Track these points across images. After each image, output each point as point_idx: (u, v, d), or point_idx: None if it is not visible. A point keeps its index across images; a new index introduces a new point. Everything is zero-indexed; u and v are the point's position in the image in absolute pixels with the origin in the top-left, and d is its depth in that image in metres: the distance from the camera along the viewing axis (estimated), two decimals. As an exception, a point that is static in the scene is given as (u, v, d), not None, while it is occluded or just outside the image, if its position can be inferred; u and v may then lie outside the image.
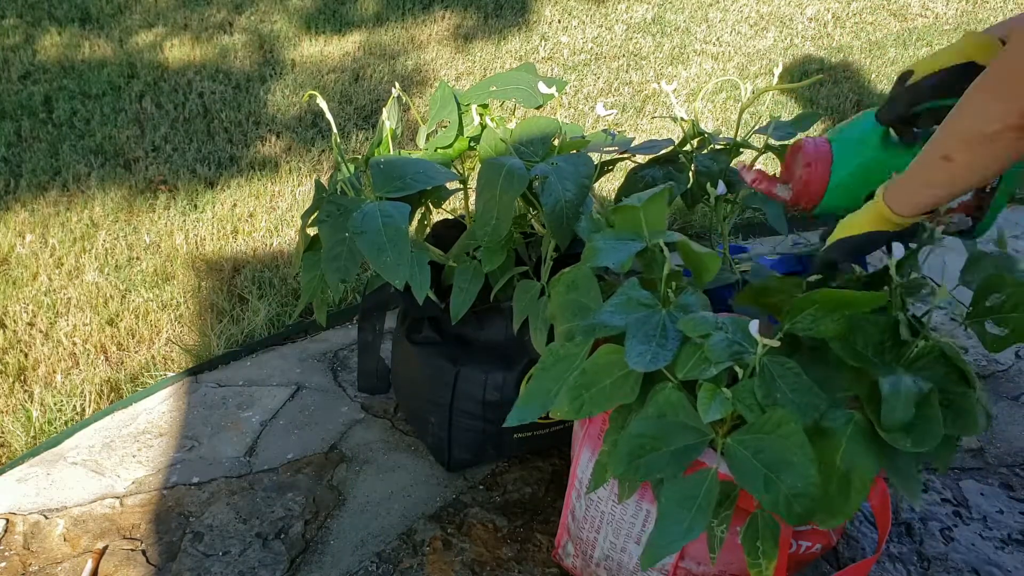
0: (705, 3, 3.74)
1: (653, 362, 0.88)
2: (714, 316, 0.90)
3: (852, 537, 1.34)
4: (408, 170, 1.19)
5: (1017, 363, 1.73)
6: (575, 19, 3.59)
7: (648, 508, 1.03)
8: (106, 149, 2.49)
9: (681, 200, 1.26)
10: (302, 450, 1.52)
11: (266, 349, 1.78)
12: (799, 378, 0.86)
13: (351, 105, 2.76)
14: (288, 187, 2.33)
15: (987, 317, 0.89)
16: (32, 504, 1.40)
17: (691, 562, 1.04)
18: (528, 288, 1.21)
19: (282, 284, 1.95)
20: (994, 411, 1.60)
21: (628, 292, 0.96)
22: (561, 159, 1.16)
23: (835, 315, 0.86)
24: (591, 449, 1.10)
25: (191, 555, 1.31)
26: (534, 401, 0.98)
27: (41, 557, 1.30)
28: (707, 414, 0.85)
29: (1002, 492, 1.43)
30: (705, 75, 3.10)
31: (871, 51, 3.27)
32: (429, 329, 1.38)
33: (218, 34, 3.31)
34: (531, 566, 1.29)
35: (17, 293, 1.88)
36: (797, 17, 3.60)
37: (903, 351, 0.89)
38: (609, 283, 1.07)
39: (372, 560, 1.30)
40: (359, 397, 1.64)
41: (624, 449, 0.87)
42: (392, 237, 1.11)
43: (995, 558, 1.31)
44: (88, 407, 1.60)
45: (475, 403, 1.35)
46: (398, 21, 3.47)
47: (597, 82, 3.04)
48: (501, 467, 1.47)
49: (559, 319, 1.03)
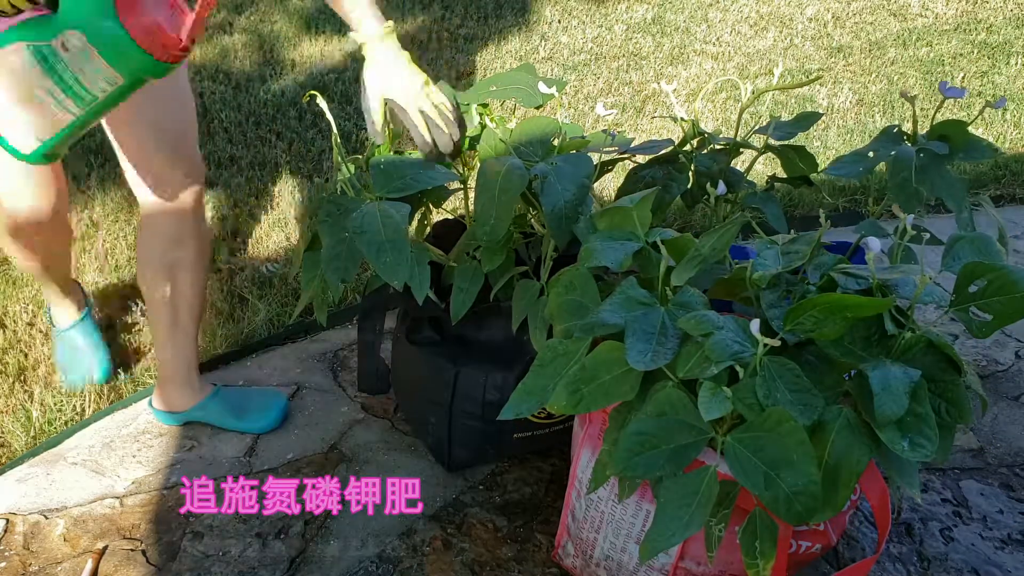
0: (705, 3, 3.74)
1: (653, 361, 0.88)
2: (715, 315, 0.90)
3: (852, 537, 1.34)
4: (408, 170, 1.19)
5: (1017, 363, 1.73)
6: (575, 19, 3.59)
7: (648, 508, 1.03)
8: (106, 149, 2.49)
9: (681, 200, 1.26)
10: (302, 450, 1.52)
11: (266, 349, 1.78)
12: (799, 378, 0.86)
13: (351, 105, 2.76)
14: (288, 187, 2.33)
15: (971, 303, 0.89)
16: (32, 504, 1.40)
17: (691, 562, 1.04)
18: (528, 288, 1.21)
19: (282, 284, 1.95)
20: (993, 410, 1.60)
21: (626, 291, 0.96)
22: (561, 159, 1.16)
23: (836, 318, 0.86)
24: (591, 449, 1.10)
25: (191, 555, 1.31)
26: (531, 395, 0.98)
27: (41, 557, 1.30)
28: (708, 413, 0.85)
29: (1002, 492, 1.43)
30: (705, 75, 3.10)
31: (871, 51, 3.27)
32: (429, 329, 1.38)
33: (218, 34, 3.31)
34: (531, 566, 1.29)
35: (17, 293, 1.88)
36: (797, 17, 3.60)
37: (890, 344, 0.89)
38: (607, 283, 1.08)
39: (372, 560, 1.30)
40: (359, 397, 1.64)
41: (624, 447, 0.87)
42: (392, 237, 1.11)
43: (995, 558, 1.31)
44: (88, 407, 1.60)
45: (475, 403, 1.35)
46: (398, 21, 3.48)
47: (597, 82, 3.04)
48: (501, 467, 1.47)
49: (557, 319, 1.03)
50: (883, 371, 0.84)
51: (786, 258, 0.98)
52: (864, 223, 1.09)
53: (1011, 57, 3.16)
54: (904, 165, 1.09)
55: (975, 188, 2.34)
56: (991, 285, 0.88)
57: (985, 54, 3.21)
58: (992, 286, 0.88)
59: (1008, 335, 1.81)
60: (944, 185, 1.09)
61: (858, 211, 2.26)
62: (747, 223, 1.08)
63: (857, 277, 0.94)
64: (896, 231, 0.98)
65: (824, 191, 2.34)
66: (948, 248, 0.96)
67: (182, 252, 1.42)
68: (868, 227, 1.06)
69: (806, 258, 0.96)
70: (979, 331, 0.90)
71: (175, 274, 1.43)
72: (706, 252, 0.95)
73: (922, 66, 3.13)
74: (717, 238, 0.95)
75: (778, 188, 1.49)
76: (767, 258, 0.98)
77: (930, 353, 0.88)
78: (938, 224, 1.88)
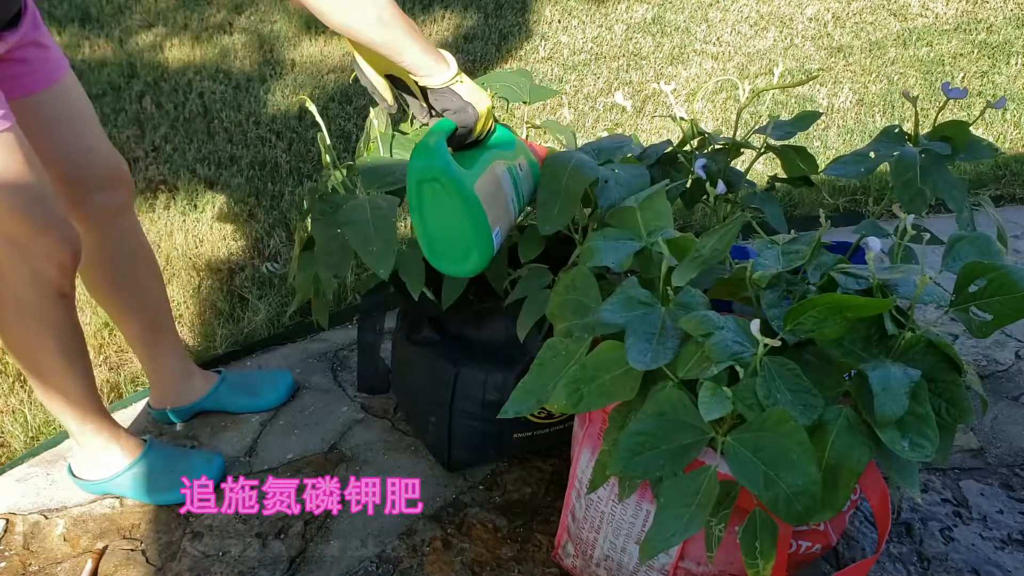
0: (705, 3, 3.74)
1: (654, 361, 0.88)
2: (716, 315, 0.90)
3: (852, 537, 1.34)
4: (397, 167, 1.21)
5: (1017, 363, 1.73)
6: (575, 19, 3.59)
7: (648, 508, 1.03)
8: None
9: (680, 200, 1.26)
10: (302, 450, 1.52)
11: (266, 349, 1.78)
12: (799, 378, 0.86)
13: (351, 105, 2.76)
14: (288, 187, 2.33)
15: (971, 303, 0.90)
16: (32, 504, 1.40)
17: (691, 562, 1.04)
18: (540, 273, 1.21)
19: (282, 284, 1.95)
20: (993, 410, 1.60)
21: (627, 290, 0.96)
22: (622, 168, 1.18)
23: (836, 318, 0.86)
24: (591, 449, 1.10)
25: (191, 555, 1.31)
26: (531, 395, 0.98)
27: (41, 557, 1.30)
28: (708, 413, 0.85)
29: (1002, 492, 1.43)
30: (705, 75, 3.10)
31: (871, 51, 3.27)
32: (429, 329, 1.38)
33: (218, 34, 3.31)
34: (531, 566, 1.29)
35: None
36: (797, 17, 3.60)
37: (890, 344, 0.89)
38: (609, 283, 1.08)
39: (372, 560, 1.30)
40: (359, 397, 1.64)
41: (624, 447, 0.87)
42: (380, 227, 1.12)
43: (995, 558, 1.31)
44: (88, 407, 1.60)
45: (475, 403, 1.35)
46: (398, 21, 3.47)
47: (597, 82, 3.04)
48: (501, 467, 1.47)
49: (558, 318, 1.03)
50: (883, 371, 0.84)
51: (786, 258, 0.98)
52: (864, 223, 1.09)
53: (1011, 57, 3.16)
54: (908, 166, 1.09)
55: (975, 188, 2.34)
56: (991, 285, 0.88)
57: (985, 54, 3.21)
58: (992, 286, 0.88)
59: (1008, 335, 1.81)
60: (945, 185, 1.09)
61: (858, 211, 2.26)
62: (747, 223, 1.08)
63: (857, 277, 0.94)
64: (896, 231, 0.98)
65: (824, 191, 2.34)
66: (948, 248, 0.96)
67: (134, 254, 1.41)
68: (868, 227, 1.06)
69: (806, 258, 0.96)
70: (979, 331, 0.90)
71: (134, 278, 1.42)
72: (707, 252, 0.95)
73: (922, 66, 3.13)
74: (718, 238, 0.95)
75: (778, 188, 1.49)
76: (767, 258, 0.98)
77: (930, 353, 0.88)
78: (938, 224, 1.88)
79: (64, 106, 1.24)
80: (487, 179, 1.10)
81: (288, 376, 1.63)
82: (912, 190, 1.08)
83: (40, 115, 1.20)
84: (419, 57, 1.05)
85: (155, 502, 1.39)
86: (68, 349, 1.24)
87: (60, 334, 1.22)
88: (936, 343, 0.88)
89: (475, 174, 1.08)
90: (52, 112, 1.22)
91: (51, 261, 1.15)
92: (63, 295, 1.19)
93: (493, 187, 1.11)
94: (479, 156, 1.13)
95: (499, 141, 1.18)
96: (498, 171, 1.13)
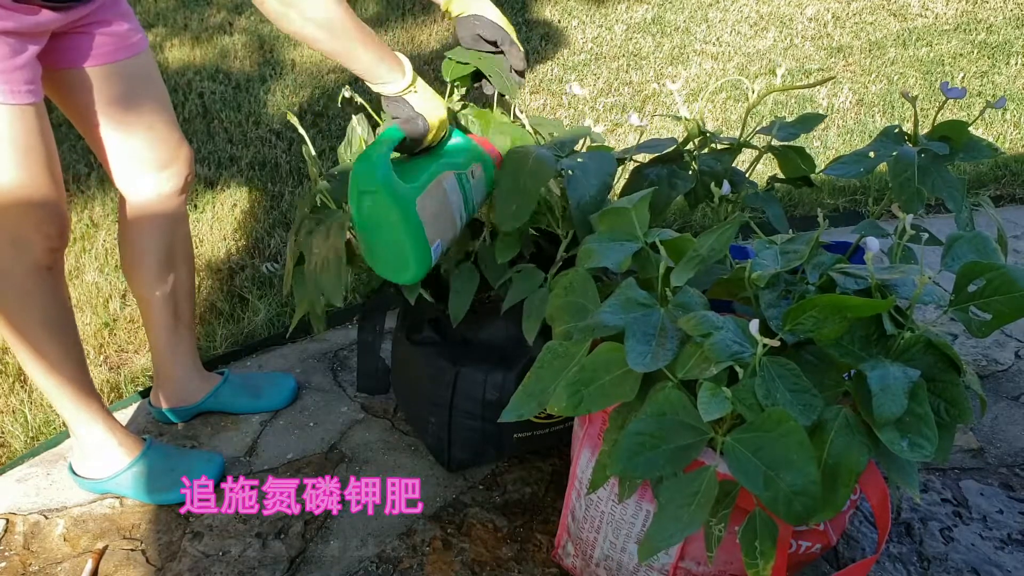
0: (705, 3, 3.74)
1: (653, 362, 0.88)
2: (715, 315, 0.90)
3: (852, 537, 1.34)
4: None
5: (1017, 363, 1.73)
6: (575, 19, 3.59)
7: (648, 508, 1.03)
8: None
9: (684, 199, 1.26)
10: (302, 450, 1.52)
11: (266, 349, 1.79)
12: (799, 378, 0.86)
13: (351, 105, 2.76)
14: (288, 187, 2.33)
15: (970, 303, 0.90)
16: (32, 504, 1.40)
17: (691, 562, 1.04)
18: (531, 274, 1.21)
19: (281, 284, 1.95)
20: (993, 410, 1.60)
21: (626, 292, 0.96)
22: (586, 156, 1.17)
23: (836, 318, 0.86)
24: (591, 449, 1.10)
25: (191, 555, 1.31)
26: (531, 397, 0.98)
27: (41, 557, 1.31)
28: (707, 413, 0.85)
29: (1002, 492, 1.43)
30: (705, 75, 3.10)
31: (871, 51, 3.27)
32: (429, 329, 1.38)
33: (218, 35, 3.31)
34: (531, 566, 1.29)
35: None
36: (797, 17, 3.60)
37: (889, 343, 0.89)
38: (607, 284, 1.08)
39: (372, 560, 1.30)
40: (359, 397, 1.64)
41: (624, 447, 0.87)
42: None
43: (995, 558, 1.31)
44: (88, 407, 1.60)
45: (475, 403, 1.35)
46: (398, 21, 3.48)
47: (597, 82, 3.04)
48: (501, 467, 1.47)
49: (557, 320, 1.03)
50: (882, 371, 0.84)
51: (785, 258, 0.98)
52: (864, 223, 1.09)
53: (1011, 57, 3.16)
54: (906, 165, 1.09)
55: (975, 188, 2.34)
56: (990, 284, 0.88)
57: (985, 54, 3.21)
58: (991, 285, 0.88)
59: (1008, 335, 1.81)
60: (944, 185, 1.09)
61: (858, 211, 2.26)
62: (746, 223, 1.08)
63: (856, 277, 0.94)
64: (896, 231, 0.98)
65: (824, 191, 2.34)
66: (947, 248, 0.97)
67: (178, 243, 1.42)
68: (868, 227, 1.06)
69: (804, 258, 0.96)
70: (979, 331, 0.90)
71: (174, 267, 1.43)
72: (704, 252, 0.95)
73: (922, 66, 3.13)
74: (715, 238, 0.95)
75: (778, 188, 1.49)
76: (766, 258, 0.98)
77: (929, 353, 0.88)
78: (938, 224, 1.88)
79: (129, 85, 1.26)
80: (431, 193, 1.09)
81: (291, 380, 1.64)
82: (909, 189, 1.08)
83: (104, 87, 1.24)
84: (373, 66, 1.07)
85: (155, 502, 1.39)
86: (51, 321, 1.24)
87: (44, 307, 1.22)
88: (935, 343, 0.88)
89: (419, 187, 1.08)
90: (118, 86, 1.25)
91: (39, 232, 1.16)
92: (48, 267, 1.21)
93: (438, 200, 1.11)
94: (427, 167, 1.12)
95: (453, 149, 1.17)
96: (445, 183, 1.12)
